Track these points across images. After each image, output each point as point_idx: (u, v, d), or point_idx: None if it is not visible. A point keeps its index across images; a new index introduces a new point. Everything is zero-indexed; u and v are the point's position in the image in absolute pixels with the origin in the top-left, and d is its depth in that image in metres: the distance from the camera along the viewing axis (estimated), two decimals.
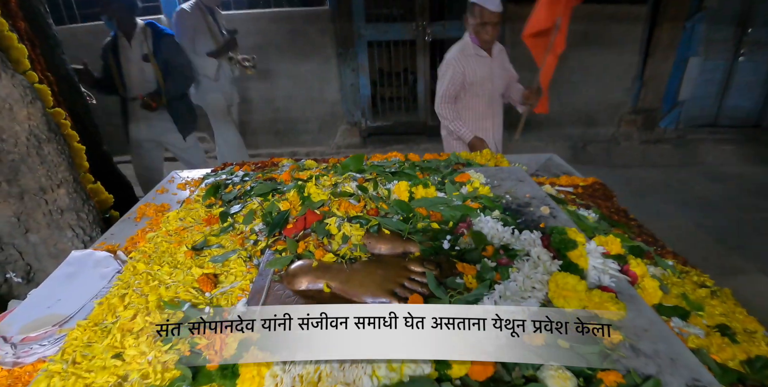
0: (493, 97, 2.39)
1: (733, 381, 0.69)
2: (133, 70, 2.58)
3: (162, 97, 2.59)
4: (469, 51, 2.30)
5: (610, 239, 0.92)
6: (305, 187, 1.02)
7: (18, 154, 1.16)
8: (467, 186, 1.18)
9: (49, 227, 1.27)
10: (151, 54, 2.56)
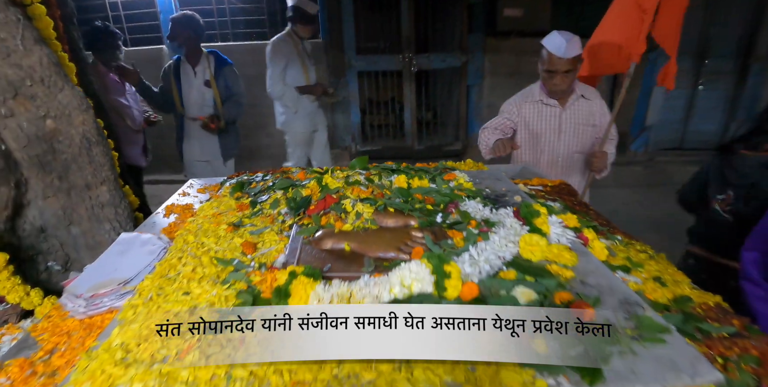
0: (560, 153, 2.09)
1: (660, 310, 0.91)
2: (193, 94, 2.81)
3: (221, 120, 2.81)
4: (534, 97, 2.08)
5: (569, 216, 1.16)
6: (323, 178, 1.24)
7: (70, 154, 1.35)
8: (454, 182, 1.42)
9: (90, 220, 1.45)
10: (213, 80, 2.78)
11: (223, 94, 2.83)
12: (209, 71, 2.78)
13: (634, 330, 0.74)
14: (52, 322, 0.97)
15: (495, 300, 0.77)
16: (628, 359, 0.68)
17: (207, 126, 2.79)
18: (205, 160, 2.99)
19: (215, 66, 2.80)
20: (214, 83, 2.79)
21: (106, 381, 0.65)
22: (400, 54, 5.03)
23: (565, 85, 1.96)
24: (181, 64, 2.79)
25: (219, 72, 2.81)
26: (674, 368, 0.66)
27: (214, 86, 2.79)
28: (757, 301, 1.15)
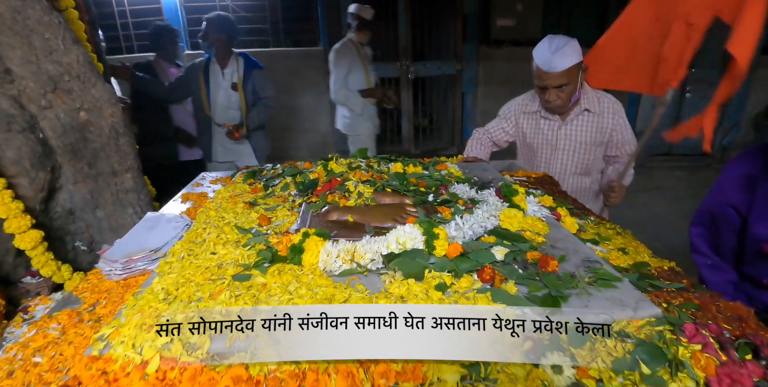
0: (556, 172, 1.89)
1: (620, 271, 1.06)
2: (220, 96, 2.81)
3: (245, 128, 2.81)
4: (533, 107, 1.89)
5: (545, 197, 1.31)
6: (328, 164, 1.39)
7: (100, 144, 1.50)
8: (445, 171, 1.57)
9: (114, 205, 1.59)
10: (240, 83, 2.78)
11: (250, 99, 2.83)
12: (238, 74, 2.77)
13: (591, 278, 0.89)
14: (91, 283, 1.11)
15: (475, 255, 0.92)
16: (584, 298, 0.82)
17: (231, 134, 2.80)
18: (230, 161, 3.01)
19: (244, 69, 2.79)
20: (241, 87, 2.78)
21: (153, 313, 0.79)
22: (397, 61, 5.23)
23: (560, 102, 1.72)
24: (211, 65, 2.79)
25: (248, 75, 2.79)
26: (621, 305, 0.81)
27: (241, 90, 2.79)
28: (705, 268, 1.30)
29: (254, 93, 2.84)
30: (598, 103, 1.79)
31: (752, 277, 1.24)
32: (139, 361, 0.70)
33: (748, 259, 1.24)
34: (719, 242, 1.30)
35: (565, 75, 1.66)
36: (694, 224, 1.32)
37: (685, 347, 0.72)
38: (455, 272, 0.88)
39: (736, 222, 1.22)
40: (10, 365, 0.83)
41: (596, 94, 1.81)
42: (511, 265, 0.92)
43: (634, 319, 0.79)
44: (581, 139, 1.82)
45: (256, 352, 0.70)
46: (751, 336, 0.78)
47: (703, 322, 0.82)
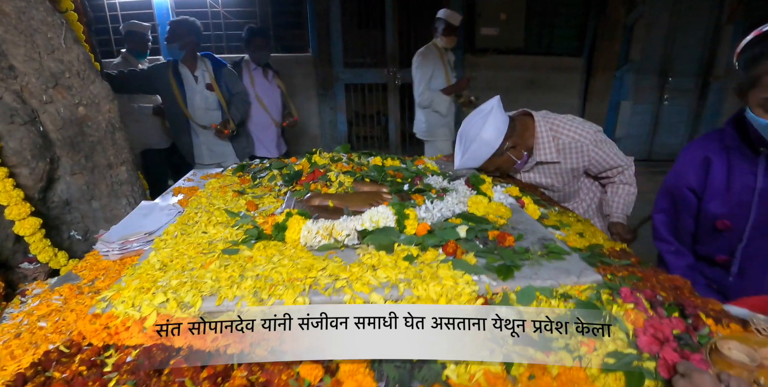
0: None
1: (576, 251, 1.17)
2: (197, 99, 2.85)
3: (231, 123, 2.85)
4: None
5: (511, 188, 1.43)
6: (311, 157, 1.49)
7: (97, 137, 1.58)
8: (422, 166, 1.68)
9: (109, 196, 1.67)
10: (215, 83, 2.84)
11: (226, 96, 2.90)
12: (209, 74, 2.84)
13: (543, 252, 1.00)
14: (89, 263, 1.19)
15: (440, 232, 1.03)
16: (535, 268, 0.93)
17: (221, 133, 2.81)
18: (216, 163, 3.03)
19: (213, 68, 2.86)
20: (216, 86, 2.85)
21: (150, 279, 0.88)
22: (385, 68, 5.37)
23: (501, 174, 1.74)
24: (180, 69, 2.81)
25: (218, 74, 2.87)
26: (567, 273, 0.92)
27: (217, 89, 2.84)
28: (669, 254, 1.40)
29: (228, 90, 2.91)
30: (557, 150, 1.63)
31: (706, 256, 1.33)
32: (138, 317, 0.79)
33: (703, 239, 1.33)
34: (679, 226, 1.39)
35: (489, 166, 1.62)
36: (656, 211, 1.41)
37: (619, 306, 0.83)
38: (422, 246, 0.98)
39: (694, 203, 1.30)
40: (17, 329, 0.91)
41: (554, 136, 1.62)
42: (473, 241, 1.03)
43: (577, 284, 0.90)
44: (544, 182, 1.78)
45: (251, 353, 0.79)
46: (681, 300, 0.89)
47: (641, 289, 0.94)
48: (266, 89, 3.26)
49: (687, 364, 0.64)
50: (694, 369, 0.62)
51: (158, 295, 0.82)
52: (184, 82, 2.83)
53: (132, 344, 0.78)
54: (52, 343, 0.85)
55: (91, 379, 0.71)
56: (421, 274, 0.87)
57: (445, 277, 0.86)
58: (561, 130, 1.61)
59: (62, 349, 0.79)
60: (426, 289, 0.82)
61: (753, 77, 0.98)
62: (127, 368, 0.73)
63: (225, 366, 0.74)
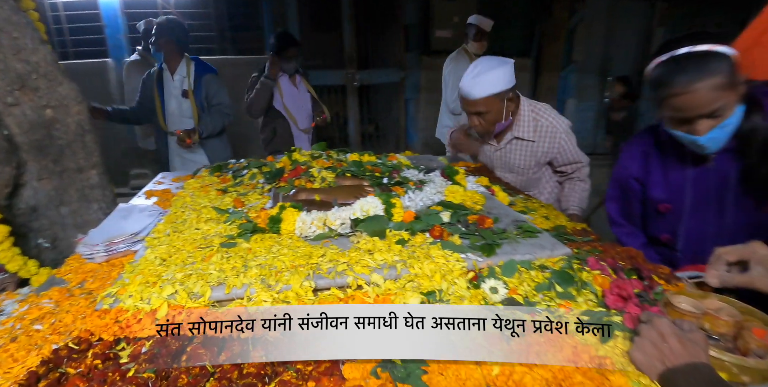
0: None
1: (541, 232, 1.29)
2: (171, 104, 2.69)
3: (197, 134, 2.62)
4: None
5: (482, 178, 1.54)
6: (292, 155, 1.53)
7: (66, 140, 1.54)
8: (396, 161, 1.76)
9: (79, 201, 1.63)
10: (191, 90, 2.63)
11: (202, 105, 2.71)
12: (189, 80, 2.65)
13: (519, 232, 1.11)
14: (73, 267, 1.18)
15: (426, 218, 1.11)
16: (513, 245, 1.04)
17: (183, 141, 2.60)
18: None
19: (196, 74, 2.66)
20: (192, 93, 2.66)
21: (153, 273, 0.90)
22: (343, 69, 5.42)
23: (482, 128, 1.71)
24: (163, 73, 2.68)
25: (199, 80, 2.67)
26: (541, 248, 1.03)
27: (192, 96, 2.66)
28: (624, 236, 1.54)
29: (207, 99, 2.72)
30: (534, 129, 1.75)
31: (654, 236, 1.50)
32: (149, 309, 0.82)
33: (650, 221, 1.49)
34: (630, 211, 1.54)
35: (482, 103, 1.61)
36: (608, 200, 1.55)
37: (588, 272, 0.95)
38: (411, 231, 1.06)
39: (639, 191, 1.45)
40: (11, 333, 0.90)
41: (535, 118, 1.75)
42: (456, 225, 1.12)
43: (551, 257, 1.02)
44: (515, 162, 1.84)
45: (252, 297, 0.84)
46: (637, 265, 1.03)
47: (604, 259, 1.06)
48: (294, 97, 3.06)
49: (648, 314, 0.76)
50: (654, 315, 0.74)
51: (166, 287, 0.84)
52: (165, 86, 2.69)
53: (144, 336, 0.80)
54: (55, 343, 0.85)
55: (110, 370, 0.73)
56: (415, 255, 0.95)
57: (436, 257, 0.94)
58: (541, 114, 1.75)
59: (72, 346, 0.80)
60: (421, 267, 0.90)
61: (658, 99, 1.10)
62: (145, 358, 0.75)
63: (242, 348, 0.78)
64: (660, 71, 1.07)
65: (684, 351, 0.67)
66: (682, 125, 1.08)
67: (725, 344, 0.81)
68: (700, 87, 0.99)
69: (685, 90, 1.01)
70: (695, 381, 0.62)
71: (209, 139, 2.76)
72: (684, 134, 1.09)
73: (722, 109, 1.02)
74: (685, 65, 1.01)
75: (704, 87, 0.99)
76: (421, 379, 0.68)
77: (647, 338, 0.71)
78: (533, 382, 0.67)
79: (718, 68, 0.99)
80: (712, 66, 0.99)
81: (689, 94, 1.01)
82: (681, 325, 0.73)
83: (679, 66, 1.02)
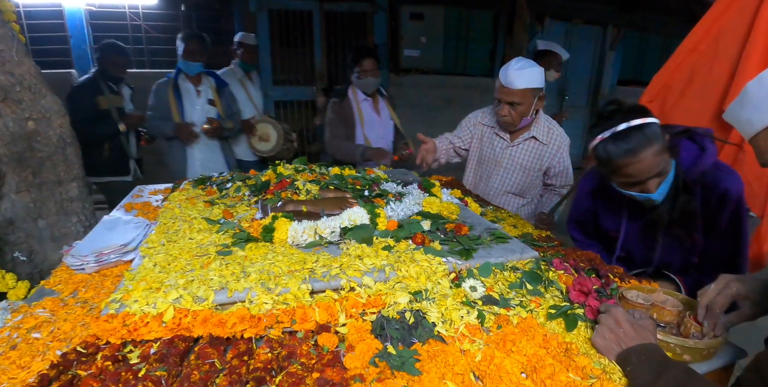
0: (493, 187, 2.06)
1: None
2: (196, 114, 2.84)
3: (221, 125, 2.86)
4: (490, 121, 1.99)
5: (455, 191, 1.66)
6: (277, 168, 1.60)
7: (46, 153, 1.54)
8: (374, 175, 1.86)
9: (58, 214, 1.62)
10: (217, 99, 2.89)
11: (227, 112, 2.97)
12: (213, 91, 2.89)
13: (491, 238, 1.22)
14: (62, 278, 1.19)
15: (408, 226, 1.21)
16: (487, 249, 1.15)
17: (211, 125, 2.80)
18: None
19: (216, 86, 2.93)
20: (219, 102, 2.91)
21: (155, 280, 0.95)
22: (313, 85, 5.52)
23: (510, 119, 1.83)
24: (181, 84, 2.82)
25: (220, 92, 2.95)
26: (511, 251, 1.15)
27: (219, 104, 2.90)
28: (589, 247, 1.68)
29: (227, 108, 2.98)
30: (547, 134, 1.92)
31: (612, 251, 1.66)
32: (155, 313, 0.86)
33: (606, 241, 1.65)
34: (586, 230, 1.69)
35: (519, 94, 1.76)
36: (569, 222, 1.69)
37: (554, 272, 1.08)
38: (395, 238, 1.16)
39: (592, 219, 1.59)
40: (9, 342, 0.92)
41: (549, 126, 1.94)
42: (435, 232, 1.23)
43: (521, 259, 1.13)
44: (522, 162, 1.95)
45: (253, 300, 0.90)
46: (595, 266, 1.16)
47: (566, 260, 1.20)
48: (374, 125, 2.73)
49: (606, 305, 0.89)
50: (610, 306, 0.87)
51: (171, 292, 0.90)
52: (183, 96, 2.83)
53: (152, 338, 0.85)
54: (58, 350, 0.88)
55: (122, 370, 0.77)
56: (401, 259, 1.04)
57: (420, 260, 1.04)
58: (553, 124, 1.97)
59: (80, 350, 0.83)
60: (407, 270, 0.99)
61: (609, 170, 1.19)
62: (155, 358, 0.80)
63: (247, 346, 0.84)
64: (606, 147, 1.15)
65: (636, 334, 0.80)
66: (633, 187, 1.20)
67: (670, 331, 0.95)
68: (646, 155, 1.11)
69: (634, 160, 1.12)
70: (645, 358, 0.74)
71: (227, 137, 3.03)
72: (638, 193, 1.20)
73: (665, 167, 1.17)
74: (627, 139, 1.11)
75: (649, 155, 1.11)
76: (414, 366, 0.77)
77: (605, 325, 0.83)
78: (511, 365, 0.77)
79: (655, 136, 1.11)
80: (650, 135, 1.11)
81: (638, 163, 1.12)
82: (633, 314, 0.86)
83: (623, 140, 1.12)
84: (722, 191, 1.20)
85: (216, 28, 5.15)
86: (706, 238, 1.28)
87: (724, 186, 1.20)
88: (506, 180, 2.04)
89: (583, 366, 0.78)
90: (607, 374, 0.77)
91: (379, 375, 0.75)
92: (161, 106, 2.79)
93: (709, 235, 1.27)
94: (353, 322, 0.89)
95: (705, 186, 1.23)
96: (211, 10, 5.19)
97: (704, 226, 1.26)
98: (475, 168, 2.14)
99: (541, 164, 1.96)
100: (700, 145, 1.25)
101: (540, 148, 1.94)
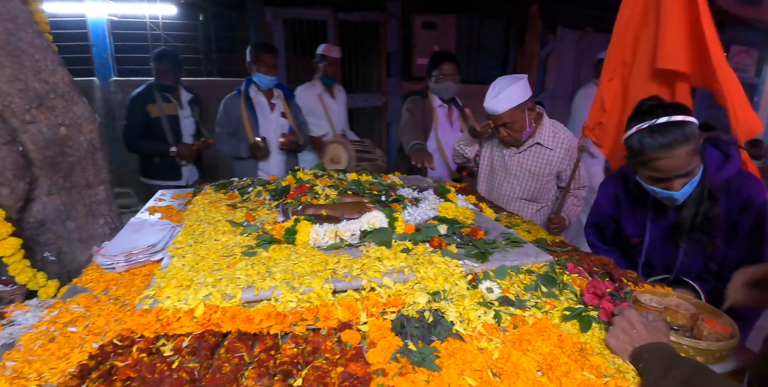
0: (505, 194, 2.11)
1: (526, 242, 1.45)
2: (271, 126, 2.83)
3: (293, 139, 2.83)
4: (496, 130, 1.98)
5: (470, 196, 1.70)
6: (296, 173, 1.65)
7: (77, 157, 1.61)
8: (389, 180, 1.91)
9: (86, 216, 1.68)
10: (288, 111, 2.88)
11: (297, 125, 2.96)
12: (283, 103, 2.88)
13: (506, 242, 1.25)
14: (93, 277, 1.25)
15: (426, 230, 1.25)
16: (503, 253, 1.18)
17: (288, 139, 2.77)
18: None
19: (285, 97, 2.92)
20: (290, 114, 2.90)
21: (186, 278, 1.00)
22: None
23: (510, 138, 1.91)
24: (254, 97, 2.78)
25: (289, 103, 2.93)
26: (526, 255, 1.18)
27: (290, 116, 2.89)
28: (605, 253, 1.69)
29: (296, 118, 2.95)
30: (553, 139, 1.95)
31: (630, 258, 1.67)
32: (187, 308, 0.91)
33: (626, 248, 1.66)
34: (605, 237, 1.70)
35: (506, 116, 1.83)
36: (586, 227, 1.72)
37: (568, 275, 1.10)
38: (413, 241, 1.19)
39: (612, 225, 1.61)
40: (47, 335, 0.97)
41: (554, 130, 1.97)
42: (452, 236, 1.26)
43: (536, 263, 1.16)
44: (531, 168, 1.99)
45: (278, 298, 0.95)
46: (609, 270, 1.19)
47: (580, 264, 1.22)
48: (448, 132, 2.73)
49: (620, 308, 0.91)
50: (624, 309, 0.89)
51: (201, 289, 0.94)
52: (257, 109, 2.79)
53: (183, 333, 0.89)
54: (94, 343, 0.93)
55: (157, 362, 0.82)
56: (419, 261, 1.08)
57: (438, 262, 1.07)
58: (560, 128, 1.99)
59: (116, 343, 0.88)
60: (426, 271, 1.03)
61: (639, 161, 1.22)
62: (187, 351, 0.84)
63: (273, 342, 0.88)
64: (642, 138, 1.17)
65: (649, 335, 0.82)
66: (659, 183, 1.22)
67: (684, 334, 0.97)
68: (680, 152, 1.13)
69: (667, 155, 1.14)
70: (657, 354, 0.77)
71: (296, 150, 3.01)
72: (661, 190, 1.22)
73: (695, 168, 1.18)
74: (665, 133, 1.13)
75: (683, 152, 1.13)
76: (434, 362, 0.80)
77: (619, 326, 0.86)
78: (528, 363, 0.80)
79: (693, 135, 1.13)
80: (688, 133, 1.13)
81: (670, 158, 1.14)
82: (647, 316, 0.89)
83: (661, 134, 1.14)
84: (745, 198, 1.22)
85: (232, 37, 5.27)
86: (726, 245, 1.29)
87: (747, 193, 1.22)
88: (516, 186, 2.07)
89: (597, 365, 0.81)
90: (621, 373, 0.79)
91: (400, 370, 0.78)
92: (231, 121, 2.74)
93: (729, 242, 1.29)
94: (374, 321, 0.92)
95: (729, 193, 1.24)
96: (228, 19, 5.32)
97: (725, 233, 1.28)
98: (487, 176, 2.19)
99: (550, 169, 1.99)
100: (725, 152, 1.27)
101: (546, 154, 1.97)
